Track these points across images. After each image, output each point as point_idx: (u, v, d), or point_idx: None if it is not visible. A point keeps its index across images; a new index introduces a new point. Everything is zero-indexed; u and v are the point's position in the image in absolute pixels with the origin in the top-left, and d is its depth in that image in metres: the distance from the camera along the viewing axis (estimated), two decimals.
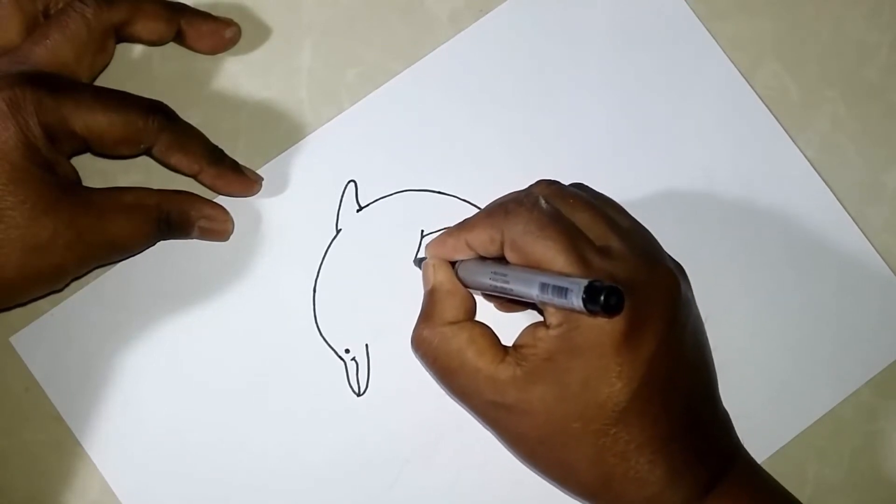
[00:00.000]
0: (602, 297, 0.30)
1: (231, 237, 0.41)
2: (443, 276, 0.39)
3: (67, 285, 0.40)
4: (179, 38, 0.41)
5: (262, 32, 0.43)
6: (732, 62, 0.43)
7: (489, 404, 0.36)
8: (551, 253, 0.34)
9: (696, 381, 0.37)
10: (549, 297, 0.33)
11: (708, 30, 0.43)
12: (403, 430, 0.41)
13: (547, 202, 0.36)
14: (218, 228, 0.41)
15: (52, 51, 0.37)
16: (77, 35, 0.37)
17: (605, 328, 0.34)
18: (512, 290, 0.35)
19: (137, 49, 0.42)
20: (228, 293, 0.41)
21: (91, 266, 0.39)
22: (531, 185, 0.38)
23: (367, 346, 0.41)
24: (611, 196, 0.39)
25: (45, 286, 0.38)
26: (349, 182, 0.42)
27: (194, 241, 0.41)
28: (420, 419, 0.41)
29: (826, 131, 0.43)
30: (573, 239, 0.35)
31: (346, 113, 0.43)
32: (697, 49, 0.43)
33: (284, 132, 0.43)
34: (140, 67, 0.43)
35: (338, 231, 0.42)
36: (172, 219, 0.39)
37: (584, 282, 0.31)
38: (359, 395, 0.41)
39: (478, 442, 0.41)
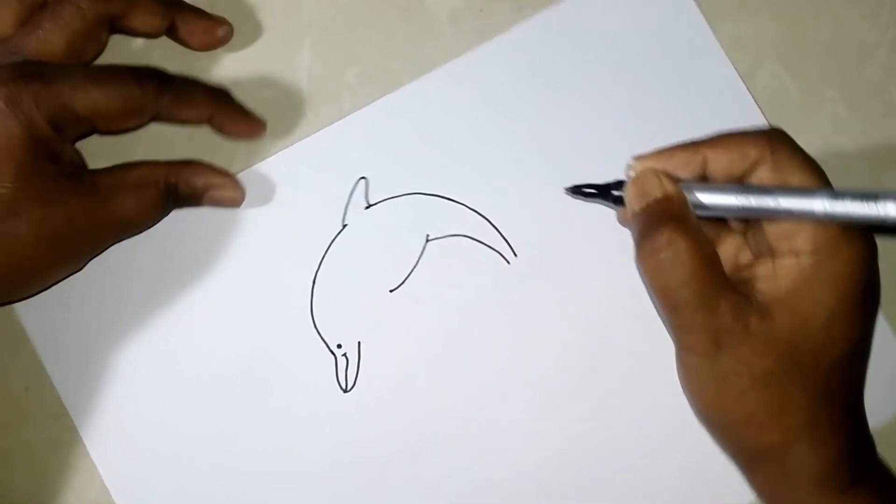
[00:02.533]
0: None
1: (236, 225, 0.41)
2: (673, 185, 0.36)
3: (86, 265, 0.40)
4: (172, 33, 0.41)
5: (262, 31, 0.43)
6: (733, 64, 0.43)
7: (719, 327, 0.34)
8: (810, 176, 0.35)
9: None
10: (842, 207, 0.33)
11: (715, 36, 0.43)
12: (387, 430, 0.41)
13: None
14: (227, 196, 0.41)
15: (44, 40, 0.37)
16: (70, 25, 0.38)
17: (862, 263, 0.34)
18: (782, 208, 0.34)
19: (136, 47, 0.42)
20: (228, 280, 0.41)
21: (106, 246, 0.40)
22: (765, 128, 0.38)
23: (359, 343, 0.41)
24: None
25: (64, 271, 0.39)
26: (360, 179, 0.42)
27: (199, 225, 0.41)
28: (406, 420, 0.41)
29: (826, 131, 0.43)
30: (824, 176, 0.35)
31: (363, 110, 0.42)
32: (702, 53, 0.43)
33: (283, 131, 0.42)
34: None
35: (344, 226, 0.42)
36: (180, 190, 0.40)
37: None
38: (345, 391, 0.41)
39: (464, 447, 0.41)
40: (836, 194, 0.34)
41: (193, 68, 0.43)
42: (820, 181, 0.35)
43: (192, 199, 0.40)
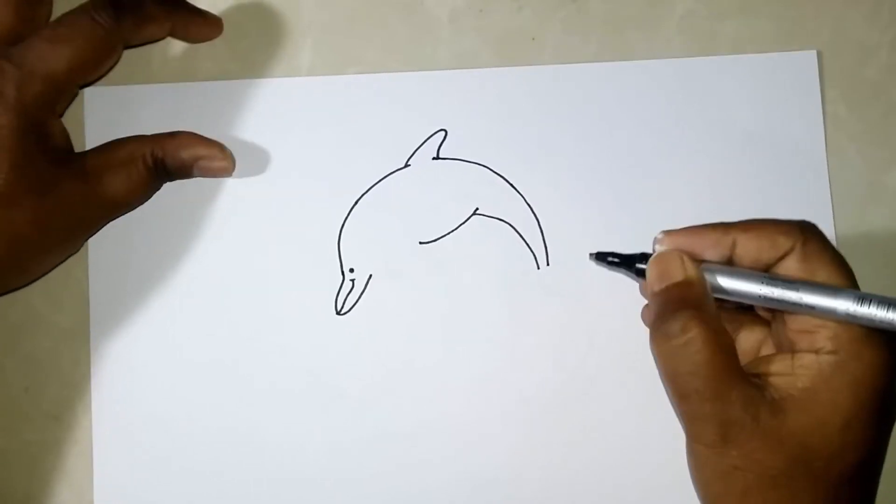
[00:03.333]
0: None
1: (311, 125, 0.42)
2: (696, 269, 0.35)
3: (83, 244, 0.41)
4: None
5: (263, 31, 0.43)
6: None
7: (729, 420, 0.33)
8: (839, 274, 0.34)
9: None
10: (866, 311, 0.32)
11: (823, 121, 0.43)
12: (366, 362, 0.41)
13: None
14: (215, 166, 0.41)
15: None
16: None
17: (886, 366, 0.33)
18: (806, 302, 0.33)
19: (137, 49, 0.42)
20: (288, 172, 0.42)
21: (101, 225, 0.40)
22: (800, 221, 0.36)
23: (370, 276, 0.42)
24: None
25: (62, 255, 0.40)
26: (441, 130, 0.42)
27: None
28: (385, 358, 0.41)
29: (826, 131, 0.43)
30: (852, 276, 0.34)
31: (481, 71, 0.43)
32: (802, 132, 0.43)
33: None
34: (140, 67, 0.43)
35: (406, 165, 0.42)
36: (168, 164, 0.40)
37: None
38: (339, 313, 0.41)
39: (433, 406, 0.41)
40: (861, 296, 0.33)
41: (194, 69, 0.43)
42: (847, 281, 0.34)
43: (180, 171, 0.40)
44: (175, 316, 0.41)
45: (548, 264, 0.42)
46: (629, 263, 0.38)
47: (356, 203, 0.42)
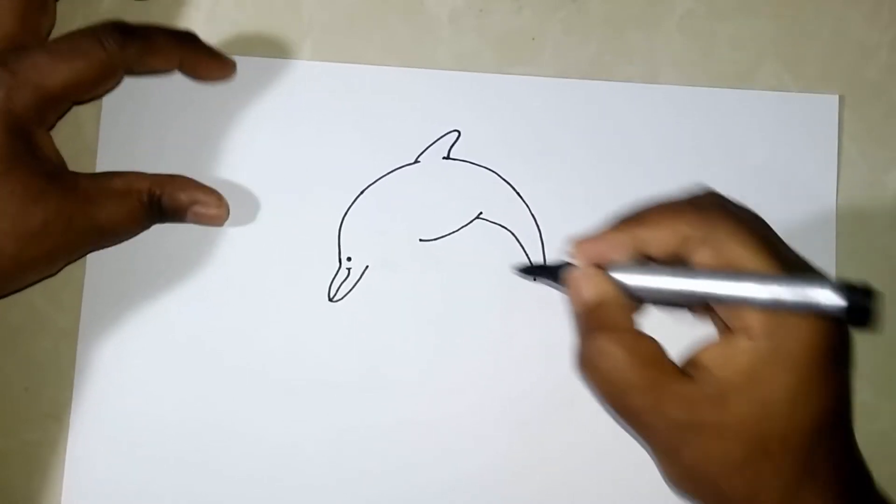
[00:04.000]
0: (863, 300, 0.28)
1: (327, 107, 0.42)
2: (606, 284, 0.35)
3: (60, 270, 0.40)
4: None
5: (263, 31, 0.43)
6: (735, 64, 0.43)
7: (673, 425, 0.33)
8: (756, 256, 0.32)
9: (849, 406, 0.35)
10: (783, 302, 0.31)
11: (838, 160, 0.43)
12: (352, 352, 0.41)
13: (732, 206, 0.34)
14: (210, 213, 0.40)
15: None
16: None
17: (822, 336, 0.32)
18: (716, 294, 0.33)
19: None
20: (295, 165, 0.42)
21: (83, 252, 0.40)
22: (698, 191, 0.36)
23: (366, 267, 0.42)
24: None
25: (38, 273, 0.39)
26: (454, 131, 0.42)
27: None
28: (370, 351, 0.41)
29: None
30: (772, 246, 0.33)
31: (501, 77, 0.43)
32: (814, 168, 0.42)
33: None
34: None
35: (416, 161, 0.42)
36: (164, 204, 0.39)
37: (833, 281, 0.29)
38: (331, 300, 0.42)
39: (412, 407, 0.41)
40: (773, 282, 0.32)
41: None
42: (767, 260, 0.33)
43: (175, 213, 0.40)
44: (174, 302, 0.41)
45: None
46: (553, 274, 0.37)
47: (361, 193, 0.42)
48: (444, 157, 0.42)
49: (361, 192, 0.42)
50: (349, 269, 0.42)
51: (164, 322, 0.41)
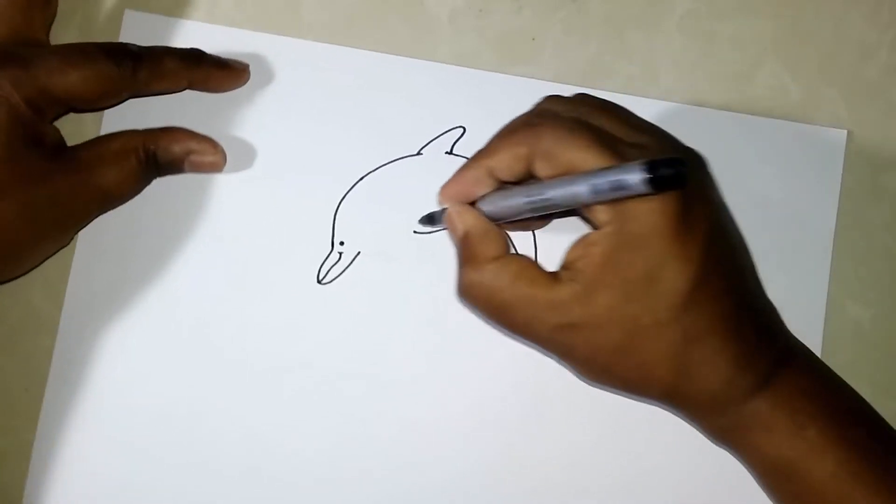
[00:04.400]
0: (666, 168, 0.29)
1: (330, 93, 0.42)
2: (472, 217, 0.37)
3: (72, 238, 0.41)
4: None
5: (262, 32, 0.43)
6: (735, 62, 0.43)
7: (555, 329, 0.35)
8: (587, 153, 0.33)
9: (743, 262, 0.37)
10: (602, 193, 0.32)
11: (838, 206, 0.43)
12: (335, 336, 0.41)
13: (564, 111, 0.36)
14: (207, 161, 0.41)
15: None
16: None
17: (661, 211, 0.33)
18: (554, 201, 0.34)
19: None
20: (294, 146, 0.42)
21: (91, 218, 0.41)
22: (538, 103, 0.38)
23: (358, 252, 0.42)
24: None
25: (52, 248, 0.40)
26: (459, 126, 0.43)
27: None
28: (355, 336, 0.41)
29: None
30: (604, 137, 0.34)
31: (510, 77, 0.43)
32: (814, 211, 0.43)
33: None
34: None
35: (418, 153, 0.42)
36: (159, 157, 0.40)
37: (639, 162, 0.30)
38: (319, 282, 0.42)
39: (391, 389, 0.41)
40: (595, 181, 0.32)
41: None
42: (594, 154, 0.33)
43: (172, 166, 0.41)
44: (167, 284, 0.42)
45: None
46: (440, 220, 0.39)
47: (361, 179, 0.42)
48: (446, 152, 0.43)
49: (361, 178, 0.42)
50: (341, 253, 0.42)
51: (151, 300, 0.42)
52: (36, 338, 0.42)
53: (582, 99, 0.38)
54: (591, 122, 0.35)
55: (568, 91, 0.42)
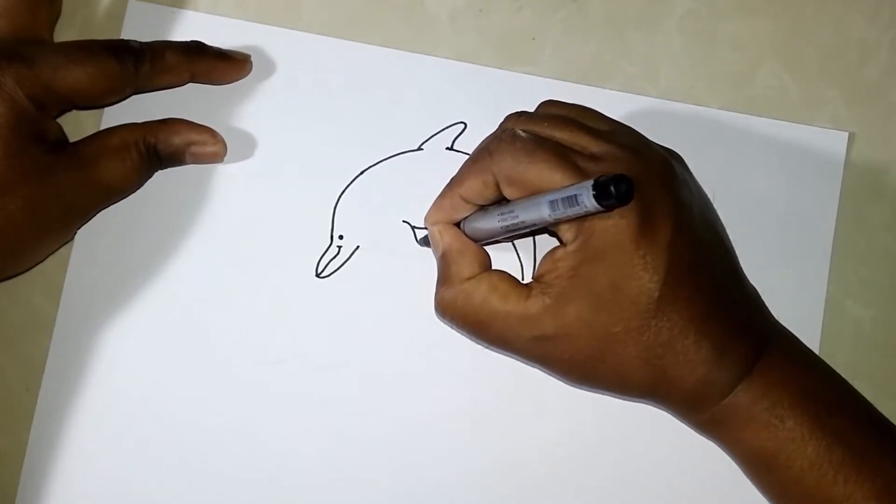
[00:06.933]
0: (612, 187, 0.31)
1: (329, 87, 0.42)
2: (449, 237, 0.39)
3: (76, 233, 0.41)
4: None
5: (262, 31, 0.43)
6: (736, 64, 0.43)
7: (530, 341, 0.36)
8: (546, 173, 0.35)
9: (716, 258, 0.37)
10: (560, 212, 0.33)
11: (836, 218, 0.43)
12: (333, 329, 0.42)
13: (524, 131, 0.37)
14: (208, 151, 0.41)
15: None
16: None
17: (619, 225, 0.34)
18: (523, 221, 0.35)
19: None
20: (295, 141, 0.42)
21: (95, 212, 0.41)
22: (502, 123, 0.39)
23: (357, 247, 0.42)
24: None
25: (56, 243, 0.40)
26: (460, 122, 0.43)
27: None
28: (353, 330, 0.42)
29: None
30: (562, 154, 0.35)
31: (511, 73, 0.43)
32: (813, 221, 0.43)
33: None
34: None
35: (419, 148, 0.42)
36: (160, 150, 0.40)
37: (590, 181, 0.31)
38: (318, 275, 0.42)
39: (377, 381, 0.41)
40: (552, 201, 0.33)
41: None
42: (557, 174, 0.34)
43: (173, 158, 0.41)
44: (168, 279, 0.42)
45: (532, 278, 0.41)
46: (425, 242, 0.41)
47: (361, 173, 0.42)
48: (447, 148, 0.43)
49: (361, 173, 0.42)
50: (340, 247, 0.42)
51: (149, 294, 0.42)
52: (36, 337, 0.42)
53: (545, 111, 0.39)
54: (554, 135, 0.36)
55: (568, 90, 0.43)
